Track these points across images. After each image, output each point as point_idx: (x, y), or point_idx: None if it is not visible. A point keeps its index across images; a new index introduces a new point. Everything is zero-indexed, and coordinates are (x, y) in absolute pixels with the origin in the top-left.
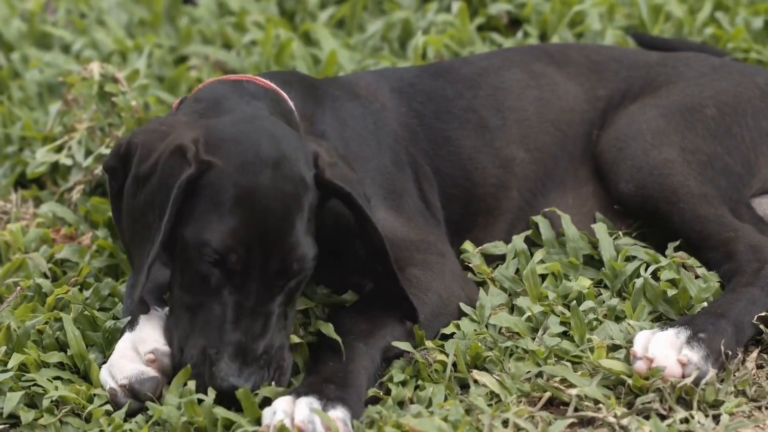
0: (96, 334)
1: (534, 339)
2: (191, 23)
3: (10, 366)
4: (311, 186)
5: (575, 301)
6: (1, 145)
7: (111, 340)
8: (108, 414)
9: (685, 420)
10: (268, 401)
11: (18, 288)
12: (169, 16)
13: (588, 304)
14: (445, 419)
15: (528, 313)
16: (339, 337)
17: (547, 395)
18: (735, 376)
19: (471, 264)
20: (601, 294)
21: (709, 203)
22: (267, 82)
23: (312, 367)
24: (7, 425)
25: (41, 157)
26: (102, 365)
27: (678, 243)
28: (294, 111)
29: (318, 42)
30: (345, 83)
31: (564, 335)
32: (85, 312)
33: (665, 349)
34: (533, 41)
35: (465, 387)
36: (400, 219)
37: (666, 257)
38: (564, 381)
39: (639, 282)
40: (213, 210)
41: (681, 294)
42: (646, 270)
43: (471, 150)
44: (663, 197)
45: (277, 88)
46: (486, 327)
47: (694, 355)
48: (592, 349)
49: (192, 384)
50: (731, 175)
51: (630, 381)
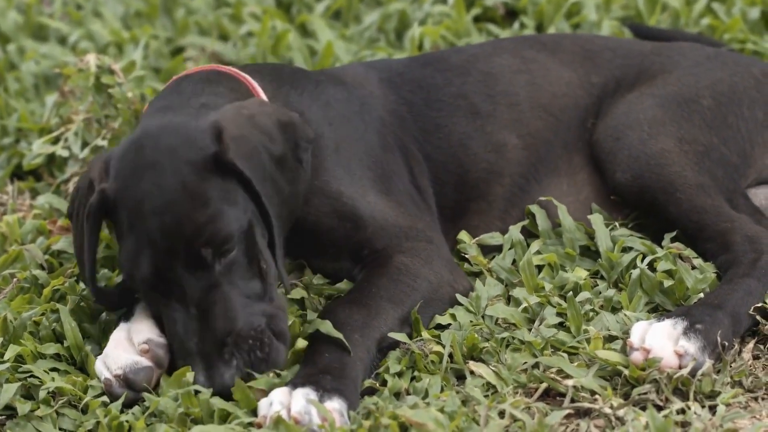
0: (92, 325)
1: (530, 330)
2: (187, 14)
3: (6, 357)
4: (206, 165)
5: (572, 292)
6: None
7: (107, 331)
8: (104, 405)
9: (682, 411)
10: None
11: (15, 279)
12: (166, 7)
13: (584, 295)
14: (442, 410)
15: (524, 304)
16: (339, 333)
17: (544, 386)
18: (731, 367)
19: (467, 255)
20: (598, 285)
21: (706, 193)
22: (233, 70)
23: (308, 358)
24: (4, 416)
25: (38, 149)
26: (98, 356)
27: (674, 234)
28: (258, 94)
29: (314, 33)
30: (331, 72)
31: (560, 326)
32: (82, 303)
33: (662, 340)
34: (529, 32)
35: (461, 378)
36: (389, 204)
37: (662, 248)
38: (560, 372)
39: (635, 273)
40: (120, 233)
41: (677, 285)
42: (642, 261)
43: (462, 136)
44: (660, 187)
45: (243, 75)
46: (482, 318)
47: (691, 346)
48: (588, 340)
49: (190, 376)
50: (727, 166)
51: (626, 372)
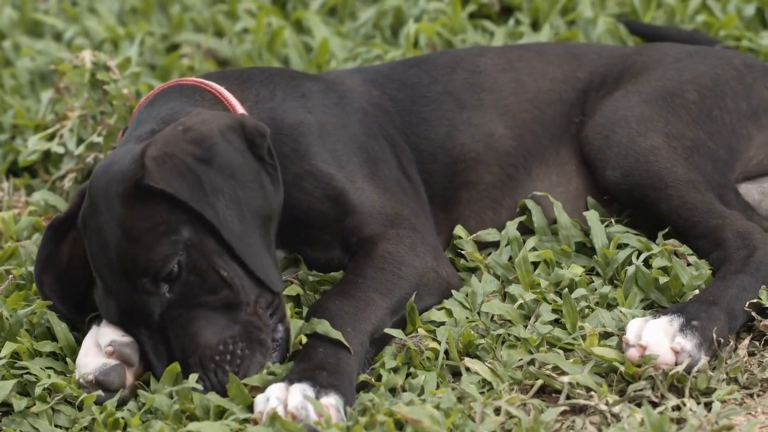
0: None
1: (526, 327)
2: (183, 11)
3: (2, 354)
4: (131, 194)
5: (567, 289)
6: None
7: None
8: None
9: (677, 407)
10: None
11: (10, 276)
12: (161, 3)
13: (580, 291)
14: (437, 407)
15: (520, 301)
16: (338, 333)
17: (539, 383)
18: (727, 363)
19: (464, 250)
20: (593, 281)
21: (696, 189)
22: (198, 80)
23: (302, 353)
24: (0, 413)
25: (33, 146)
26: None
27: (666, 231)
28: (223, 101)
29: (310, 30)
30: (311, 74)
31: (556, 323)
32: None
33: (658, 337)
34: (525, 29)
35: (457, 375)
36: (376, 190)
37: (658, 245)
38: (556, 368)
39: (631, 269)
40: None
41: (673, 281)
42: (638, 257)
43: (449, 128)
44: (650, 184)
45: (208, 83)
46: (478, 314)
47: (687, 343)
48: (584, 337)
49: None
50: (716, 161)
51: (622, 368)
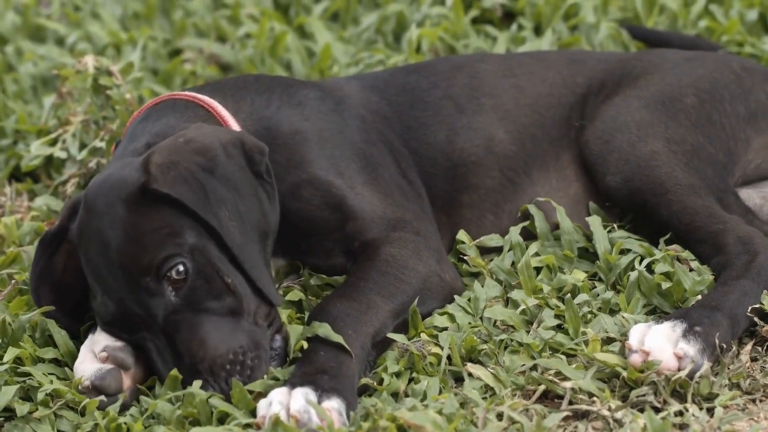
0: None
1: (528, 332)
2: (186, 16)
3: (5, 360)
4: (134, 199)
5: (570, 294)
6: None
7: None
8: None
9: (680, 413)
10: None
11: (13, 281)
12: (164, 8)
13: (582, 297)
14: (440, 412)
15: (522, 306)
16: (339, 336)
17: (542, 388)
18: (729, 369)
19: (466, 256)
20: (596, 287)
21: (697, 194)
22: (190, 95)
23: (303, 356)
24: (2, 418)
25: (35, 151)
26: None
27: (668, 236)
28: (215, 115)
29: (312, 35)
30: (308, 81)
31: (558, 328)
32: None
33: (662, 343)
34: (528, 34)
35: (459, 380)
36: (377, 195)
37: (660, 250)
38: (558, 374)
39: (633, 275)
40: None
41: (675, 287)
42: (640, 263)
43: (448, 132)
44: (650, 189)
45: (200, 97)
46: (481, 320)
47: (690, 349)
48: (586, 342)
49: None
50: (716, 165)
51: (624, 374)
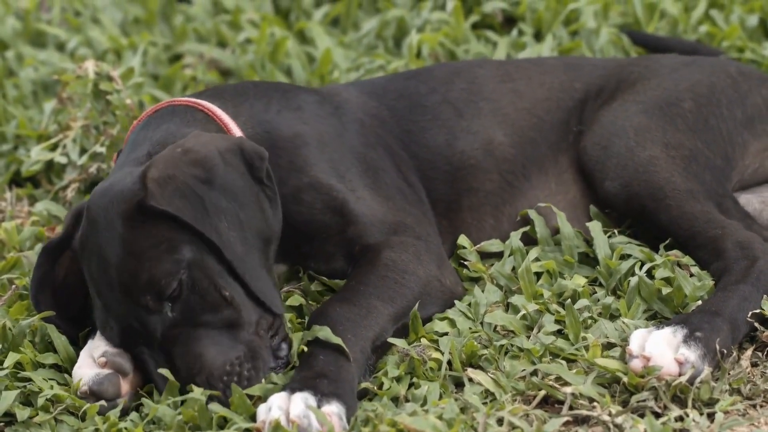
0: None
1: (529, 337)
2: (186, 21)
3: (6, 365)
4: (133, 215)
5: (570, 300)
6: None
7: None
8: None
9: (680, 418)
10: None
11: (13, 286)
12: (164, 14)
13: (583, 302)
14: (440, 417)
15: (523, 312)
16: (338, 339)
17: (542, 393)
18: (730, 374)
19: (467, 261)
20: (596, 292)
21: (695, 199)
22: (191, 100)
23: (303, 361)
24: (3, 423)
25: (36, 156)
26: None
27: (668, 242)
28: (215, 119)
29: (313, 40)
30: (306, 87)
31: (559, 333)
32: None
33: (662, 348)
34: (528, 39)
35: (460, 385)
36: (377, 199)
37: (660, 256)
38: (559, 379)
39: (634, 280)
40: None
41: (676, 292)
42: (640, 268)
43: (447, 136)
44: (649, 194)
45: (200, 102)
46: (481, 325)
47: (691, 354)
48: (586, 348)
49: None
50: (714, 170)
51: (625, 379)
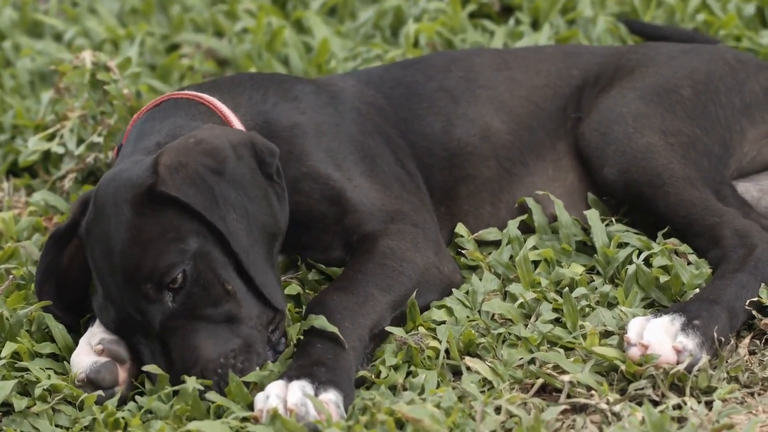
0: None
1: (527, 326)
2: (183, 11)
3: (3, 355)
4: (142, 201)
5: (568, 288)
6: None
7: None
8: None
9: (678, 406)
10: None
11: (11, 276)
12: (161, 4)
13: (580, 290)
14: (438, 406)
15: (521, 300)
16: (334, 327)
17: (540, 382)
18: (728, 362)
19: (464, 250)
20: (594, 280)
21: (693, 186)
22: (190, 93)
23: (300, 349)
24: (0, 413)
25: (33, 146)
26: None
27: (665, 231)
28: (215, 111)
29: (310, 30)
30: (302, 77)
31: (556, 322)
32: None
33: (660, 336)
34: (525, 28)
35: (457, 374)
36: (375, 187)
37: (658, 244)
38: (556, 367)
39: (631, 268)
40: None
41: (673, 280)
42: (638, 256)
43: (445, 123)
44: (647, 181)
45: (201, 95)
46: (479, 313)
47: (689, 342)
48: (584, 336)
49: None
50: (712, 157)
51: (623, 367)
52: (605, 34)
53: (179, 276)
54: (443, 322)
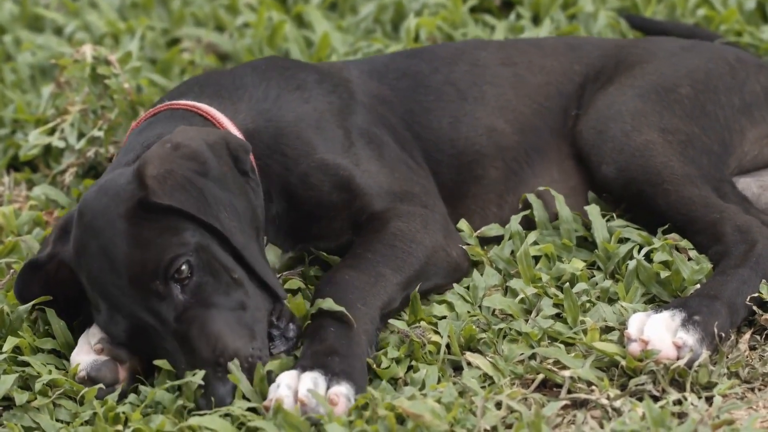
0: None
1: (527, 321)
2: (184, 5)
3: (4, 349)
4: (135, 213)
5: (568, 283)
6: None
7: None
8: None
9: (678, 402)
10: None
11: (11, 271)
12: None
13: (581, 286)
14: (439, 401)
15: (521, 295)
16: (341, 307)
17: (541, 377)
18: (728, 358)
19: (466, 245)
20: (594, 276)
21: (693, 183)
22: (187, 104)
23: (314, 333)
24: (1, 407)
25: (34, 140)
26: None
27: (666, 227)
28: (215, 121)
29: (311, 24)
30: (305, 63)
31: (557, 317)
32: None
33: (661, 332)
34: (526, 23)
35: (458, 369)
36: (383, 170)
37: (659, 239)
38: (557, 363)
39: (632, 264)
40: (89, 296)
41: (674, 276)
42: (639, 252)
43: (452, 119)
44: (646, 179)
45: (199, 106)
46: (479, 308)
47: (689, 338)
48: (585, 331)
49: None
50: (711, 155)
51: (623, 363)
52: (606, 29)
53: (184, 267)
54: (444, 317)
